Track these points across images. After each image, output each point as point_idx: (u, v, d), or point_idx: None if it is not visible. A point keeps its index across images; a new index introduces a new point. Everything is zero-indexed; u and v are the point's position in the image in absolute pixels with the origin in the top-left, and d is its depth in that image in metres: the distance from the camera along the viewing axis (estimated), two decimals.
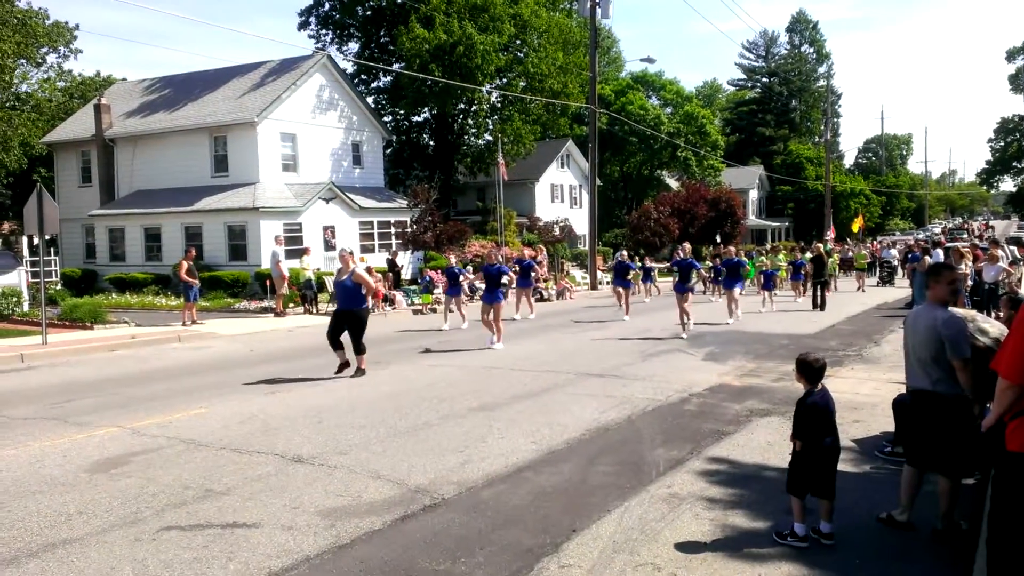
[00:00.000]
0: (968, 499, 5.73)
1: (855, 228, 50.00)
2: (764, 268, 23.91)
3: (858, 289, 28.60)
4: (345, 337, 11.49)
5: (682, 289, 16.30)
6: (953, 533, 5.23)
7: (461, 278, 18.52)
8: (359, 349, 11.47)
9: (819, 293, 21.89)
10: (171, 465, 7.04)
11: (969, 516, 5.42)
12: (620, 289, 20.00)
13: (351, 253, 11.88)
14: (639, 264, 26.78)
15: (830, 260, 27.58)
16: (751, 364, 12.38)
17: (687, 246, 17.95)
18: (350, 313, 11.48)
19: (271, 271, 21.70)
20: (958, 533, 5.22)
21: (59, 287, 27.57)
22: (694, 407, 9.26)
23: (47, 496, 6.23)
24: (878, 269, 33.71)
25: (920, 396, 5.28)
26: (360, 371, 11.45)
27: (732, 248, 20.74)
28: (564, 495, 6.14)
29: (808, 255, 24.84)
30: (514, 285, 20.98)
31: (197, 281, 19.49)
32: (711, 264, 26.37)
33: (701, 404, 9.42)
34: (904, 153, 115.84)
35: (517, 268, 20.87)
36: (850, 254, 32.01)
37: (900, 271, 33.13)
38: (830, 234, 44.94)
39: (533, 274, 21.29)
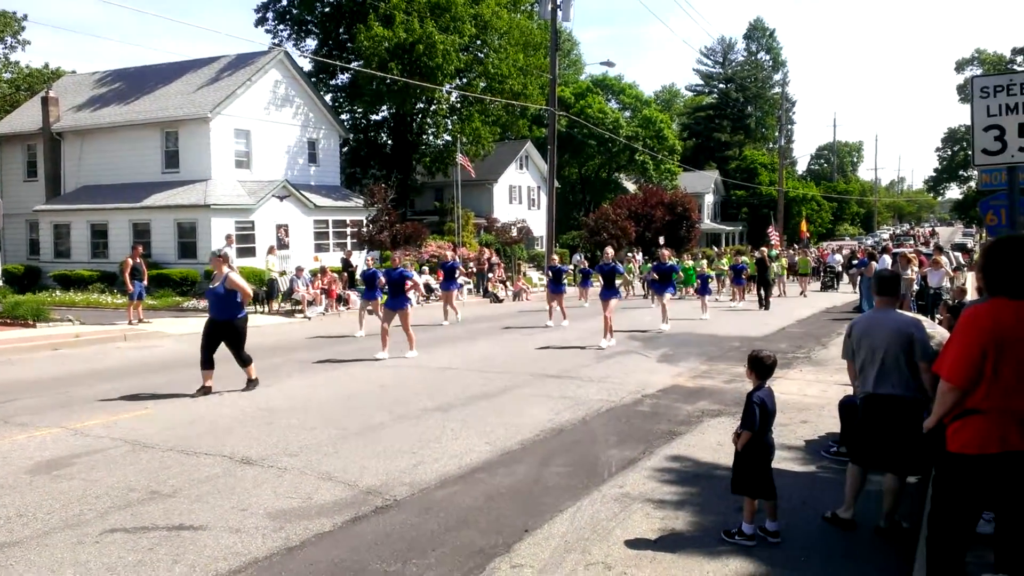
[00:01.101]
0: (909, 499, 5.87)
1: (801, 232, 50.97)
2: (702, 272, 23.62)
3: (801, 293, 29.05)
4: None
5: (607, 295, 15.03)
6: (895, 532, 5.36)
7: (377, 281, 16.12)
8: (243, 361, 10.39)
9: (763, 294, 23.60)
10: (116, 467, 6.87)
11: (910, 515, 5.56)
12: (553, 295, 18.66)
13: (222, 257, 10.48)
14: (578, 267, 26.69)
15: (776, 264, 28.23)
16: (704, 366, 12.54)
17: (609, 250, 16.13)
18: (225, 324, 10.22)
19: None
20: (900, 532, 5.35)
21: (1, 284, 26.74)
22: (647, 408, 9.35)
23: None
24: (822, 274, 34.35)
25: (884, 400, 5.33)
26: (252, 382, 10.44)
27: (666, 252, 19.53)
28: (517, 495, 6.14)
29: (752, 258, 25.30)
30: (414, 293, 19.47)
31: (143, 281, 19.01)
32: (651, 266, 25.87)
33: (654, 405, 9.51)
34: (855, 160, 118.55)
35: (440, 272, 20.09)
36: (796, 259, 32.57)
37: (844, 276, 33.79)
38: (775, 239, 45.48)
39: (458, 275, 20.62)
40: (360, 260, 29.03)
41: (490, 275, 29.34)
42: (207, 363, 10.16)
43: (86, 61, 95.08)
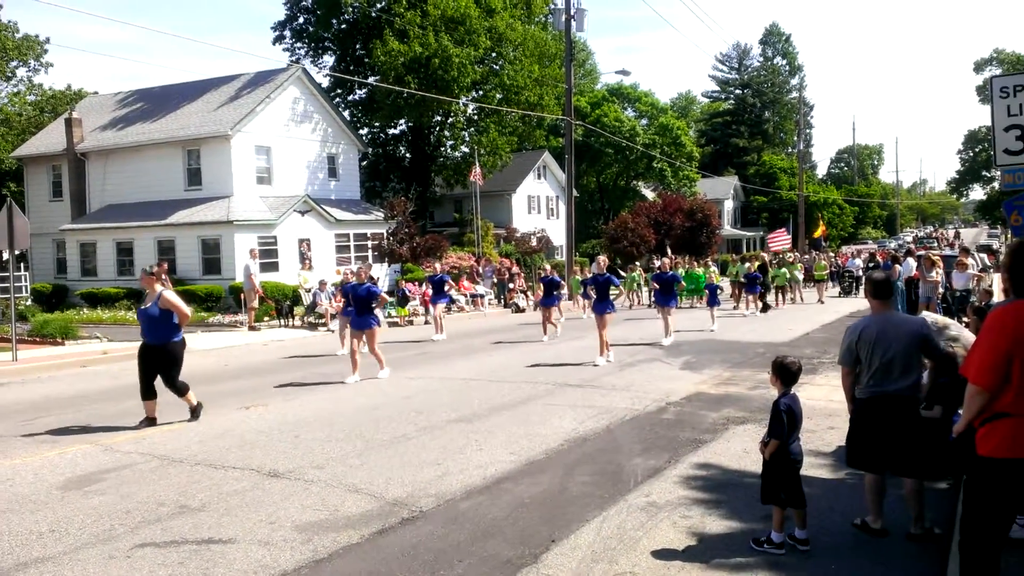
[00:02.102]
0: (941, 504, 5.80)
1: (816, 236, 50.11)
2: (711, 282, 22.18)
3: (819, 300, 27.52)
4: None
5: (600, 309, 13.73)
6: (927, 538, 5.30)
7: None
8: (177, 390, 9.35)
9: (763, 298, 23.83)
10: (145, 481, 6.95)
11: (942, 521, 5.50)
12: (544, 309, 17.75)
13: (154, 274, 9.48)
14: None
15: (786, 268, 27.28)
16: (727, 373, 12.47)
17: (602, 259, 15.03)
18: (159, 350, 9.19)
19: (243, 284, 21.58)
20: (932, 537, 5.29)
21: (29, 303, 27.16)
22: (672, 416, 9.31)
23: (18, 515, 6.12)
24: (841, 279, 32.80)
25: (898, 400, 5.30)
26: (195, 410, 9.48)
27: (667, 261, 18.38)
28: (543, 505, 6.14)
29: (754, 264, 24.86)
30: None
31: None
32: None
33: (679, 413, 9.47)
34: (876, 163, 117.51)
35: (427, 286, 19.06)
36: (812, 264, 31.52)
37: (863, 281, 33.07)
38: (783, 243, 44.23)
39: (447, 288, 19.27)
40: (381, 273, 29.20)
41: (511, 285, 29.38)
42: (148, 392, 9.21)
43: (107, 81, 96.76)
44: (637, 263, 36.13)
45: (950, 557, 4.63)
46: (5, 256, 19.83)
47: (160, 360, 9.26)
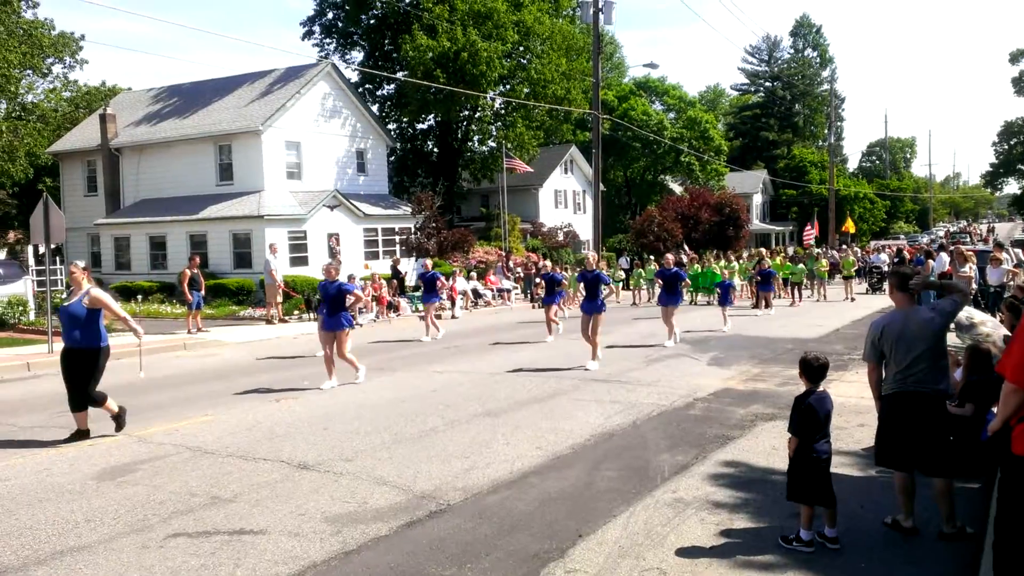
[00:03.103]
0: (974, 503, 5.72)
1: (844, 231, 48.96)
2: (725, 280, 20.87)
3: (846, 298, 25.70)
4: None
5: (589, 309, 12.92)
6: (959, 537, 5.23)
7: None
8: (93, 400, 8.16)
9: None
10: (177, 472, 7.07)
11: (975, 520, 5.42)
12: (546, 307, 16.85)
13: (85, 268, 8.60)
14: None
15: (803, 264, 26.65)
16: (755, 369, 12.38)
17: (592, 255, 14.17)
18: (83, 354, 8.08)
19: (264, 279, 21.86)
20: (964, 537, 5.22)
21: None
22: (699, 412, 9.26)
23: (54, 504, 6.26)
24: (867, 276, 31.20)
25: (924, 397, 5.25)
26: (119, 417, 8.39)
27: (671, 257, 16.65)
28: (570, 500, 6.15)
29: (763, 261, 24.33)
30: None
31: (201, 292, 19.45)
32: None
33: (706, 409, 9.42)
34: (908, 156, 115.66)
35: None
36: (839, 259, 30.26)
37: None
38: (810, 235, 43.29)
39: (439, 286, 18.00)
40: (408, 267, 29.34)
41: (537, 280, 29.35)
42: (78, 403, 8.19)
43: (141, 77, 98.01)
44: (651, 257, 35.40)
45: (982, 557, 4.57)
46: (41, 250, 20.22)
47: (83, 364, 8.08)
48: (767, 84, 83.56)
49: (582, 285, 13.78)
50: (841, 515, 5.29)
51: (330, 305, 11.43)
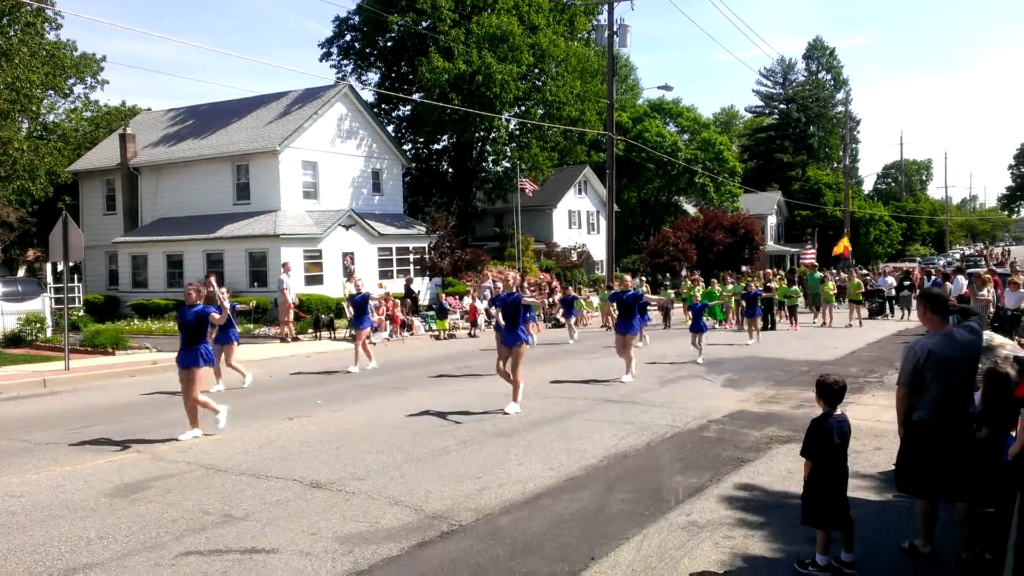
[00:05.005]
0: (992, 529, 5.63)
1: (836, 253, 46.31)
2: (696, 302, 19.43)
3: (849, 323, 24.23)
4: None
5: (624, 329, 13.52)
6: (978, 563, 5.14)
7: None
8: None
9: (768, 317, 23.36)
10: (190, 490, 7.08)
11: (993, 546, 5.33)
12: (566, 320, 18.54)
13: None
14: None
15: (825, 286, 26.03)
16: (770, 391, 12.28)
17: (627, 277, 13.90)
18: None
19: (277, 298, 22.02)
20: (982, 563, 5.13)
21: (82, 313, 27.89)
22: (713, 434, 9.19)
23: (68, 521, 6.28)
24: (869, 299, 28.47)
25: (962, 421, 5.13)
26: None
27: (628, 278, 15.41)
28: (582, 522, 6.11)
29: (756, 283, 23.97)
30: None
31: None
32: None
33: (720, 431, 9.35)
34: (924, 178, 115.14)
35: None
36: (845, 283, 28.62)
37: (896, 301, 28.52)
38: (810, 256, 42.11)
39: (373, 305, 16.93)
40: (422, 286, 29.37)
41: (551, 300, 29.33)
42: None
43: (158, 98, 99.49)
44: (642, 277, 34.87)
45: None
46: (60, 267, 20.43)
47: None
48: (782, 106, 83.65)
49: (613, 305, 13.36)
50: (858, 540, 5.22)
51: (187, 334, 9.34)
